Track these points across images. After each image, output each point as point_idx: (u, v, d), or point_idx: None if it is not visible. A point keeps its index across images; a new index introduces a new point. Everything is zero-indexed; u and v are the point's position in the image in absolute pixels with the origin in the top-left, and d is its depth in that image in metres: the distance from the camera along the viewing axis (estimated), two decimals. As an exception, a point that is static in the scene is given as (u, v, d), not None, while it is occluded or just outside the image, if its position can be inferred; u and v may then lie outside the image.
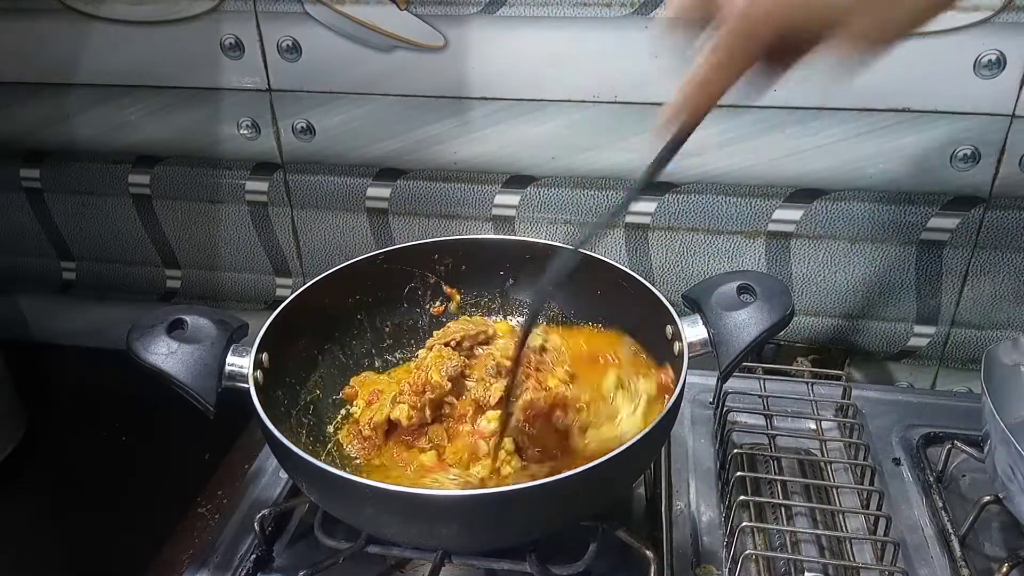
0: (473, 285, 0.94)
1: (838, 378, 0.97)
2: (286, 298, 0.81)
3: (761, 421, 0.91)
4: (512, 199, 1.03)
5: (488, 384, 0.78)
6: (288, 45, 0.97)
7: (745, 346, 0.72)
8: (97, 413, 1.08)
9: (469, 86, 0.96)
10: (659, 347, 0.80)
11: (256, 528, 0.78)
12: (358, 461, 0.79)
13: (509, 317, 0.94)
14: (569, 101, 0.95)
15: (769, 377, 0.96)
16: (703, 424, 0.96)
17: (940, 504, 0.83)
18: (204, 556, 0.80)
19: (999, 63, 0.84)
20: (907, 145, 0.90)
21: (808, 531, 0.80)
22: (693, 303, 0.77)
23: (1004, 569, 0.74)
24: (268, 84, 1.00)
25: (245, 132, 1.04)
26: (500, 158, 1.00)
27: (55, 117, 1.08)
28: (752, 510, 0.79)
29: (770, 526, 0.80)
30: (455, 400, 0.79)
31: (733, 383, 0.89)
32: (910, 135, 0.90)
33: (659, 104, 0.92)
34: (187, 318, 0.73)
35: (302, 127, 1.03)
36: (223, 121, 1.04)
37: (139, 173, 1.11)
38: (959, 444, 0.87)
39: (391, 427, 0.79)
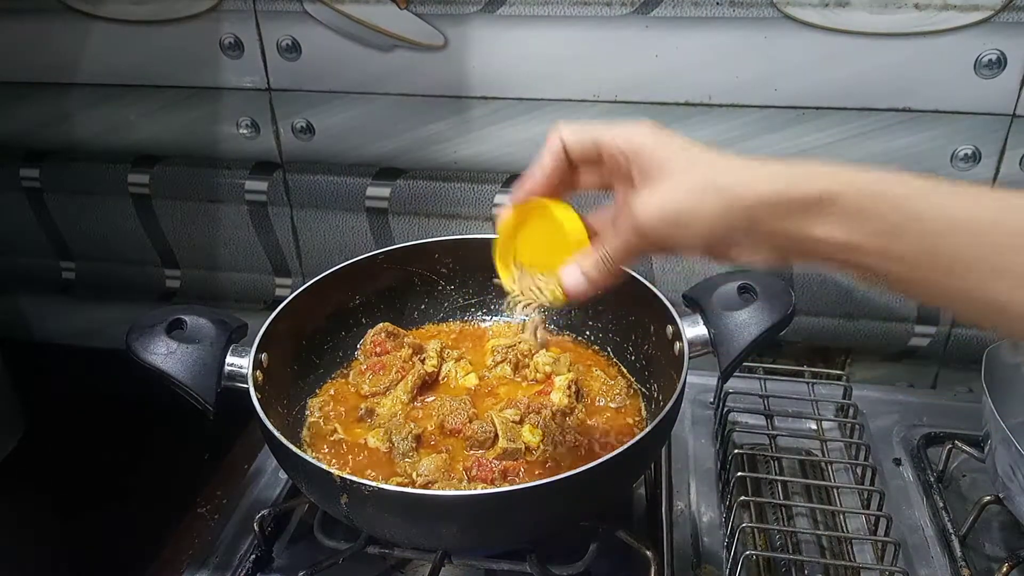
0: (473, 285, 0.94)
1: (838, 378, 0.97)
2: (286, 298, 0.81)
3: (762, 421, 0.91)
4: (512, 199, 1.03)
5: None
6: (288, 44, 0.97)
7: (746, 346, 0.72)
8: (97, 413, 1.08)
9: (469, 86, 0.96)
10: (659, 347, 0.80)
11: (256, 528, 0.78)
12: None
13: (508, 317, 0.94)
14: (569, 101, 0.95)
15: (769, 377, 0.96)
16: (703, 424, 0.96)
17: (940, 504, 0.83)
18: (204, 556, 0.80)
19: (999, 63, 0.84)
20: (907, 145, 0.90)
21: (809, 531, 0.80)
22: (694, 303, 0.77)
23: (1004, 569, 0.74)
24: (268, 84, 1.00)
25: (245, 132, 1.04)
26: (500, 158, 1.00)
27: (55, 117, 1.08)
28: (753, 510, 0.79)
29: (771, 526, 0.80)
30: None
31: (733, 383, 0.89)
32: (910, 135, 0.90)
33: (659, 104, 0.93)
34: (186, 318, 0.73)
35: (302, 127, 1.03)
36: (223, 121, 1.04)
37: (139, 173, 1.11)
38: (959, 444, 0.87)
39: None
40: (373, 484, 0.61)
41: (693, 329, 0.75)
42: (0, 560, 0.89)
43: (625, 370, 0.87)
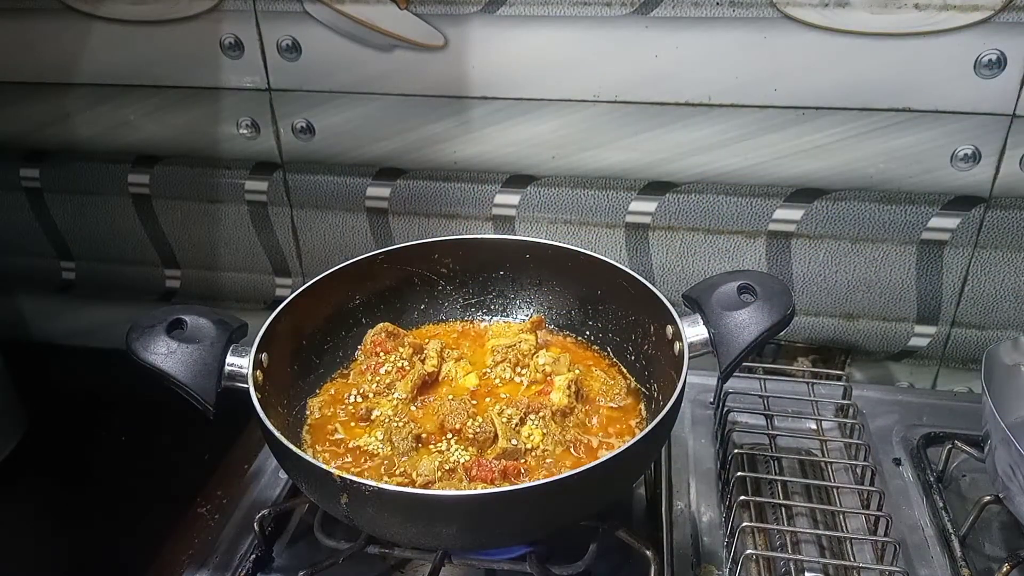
0: (473, 285, 0.94)
1: (838, 378, 0.97)
2: (286, 298, 0.81)
3: (761, 421, 0.91)
4: (512, 199, 1.03)
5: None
6: (288, 44, 0.97)
7: (746, 346, 0.72)
8: (97, 413, 1.08)
9: (469, 86, 0.96)
10: (659, 347, 0.80)
11: (256, 528, 0.78)
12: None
13: (509, 317, 0.94)
14: (569, 101, 0.95)
15: (769, 377, 0.97)
16: (703, 424, 0.96)
17: (940, 504, 0.83)
18: (204, 556, 0.80)
19: (999, 63, 0.84)
20: (907, 145, 0.90)
21: (808, 531, 0.80)
22: (693, 303, 0.77)
23: (1004, 569, 0.74)
24: (268, 84, 1.00)
25: (245, 132, 1.04)
26: (500, 158, 1.00)
27: (55, 117, 1.08)
28: (752, 510, 0.79)
29: (770, 526, 0.80)
30: None
31: (733, 383, 0.89)
32: (910, 135, 0.90)
33: (659, 104, 0.93)
34: (186, 318, 0.73)
35: (302, 127, 1.03)
36: (223, 121, 1.04)
37: (138, 173, 1.11)
38: (959, 444, 0.87)
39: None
40: (373, 484, 0.61)
41: (693, 329, 0.75)
42: (0, 559, 0.89)
43: (625, 370, 0.87)
